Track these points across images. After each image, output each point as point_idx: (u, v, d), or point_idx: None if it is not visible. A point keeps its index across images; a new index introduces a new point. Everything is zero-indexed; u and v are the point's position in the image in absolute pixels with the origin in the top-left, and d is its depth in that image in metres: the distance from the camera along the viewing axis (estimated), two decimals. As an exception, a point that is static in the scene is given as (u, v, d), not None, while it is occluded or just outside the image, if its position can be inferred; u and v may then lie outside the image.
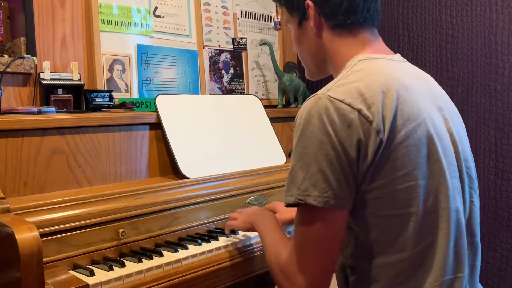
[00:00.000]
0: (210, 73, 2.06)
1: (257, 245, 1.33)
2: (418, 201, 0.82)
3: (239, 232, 1.37)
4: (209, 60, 2.06)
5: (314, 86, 2.38)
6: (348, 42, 0.94)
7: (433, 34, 2.00)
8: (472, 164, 0.95)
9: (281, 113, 1.99)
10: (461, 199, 0.89)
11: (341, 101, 0.81)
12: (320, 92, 0.85)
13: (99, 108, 1.54)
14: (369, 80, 0.84)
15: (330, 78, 0.94)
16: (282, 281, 0.90)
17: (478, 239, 0.93)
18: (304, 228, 0.85)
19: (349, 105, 0.81)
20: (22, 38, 1.53)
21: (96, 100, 1.53)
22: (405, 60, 0.98)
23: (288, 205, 0.86)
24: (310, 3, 0.94)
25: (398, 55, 0.98)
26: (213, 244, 1.28)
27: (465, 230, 0.88)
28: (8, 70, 1.45)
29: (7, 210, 1.06)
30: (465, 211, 0.90)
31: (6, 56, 1.49)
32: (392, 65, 0.91)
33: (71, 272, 1.09)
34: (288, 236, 1.40)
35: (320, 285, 0.86)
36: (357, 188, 0.83)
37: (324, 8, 0.93)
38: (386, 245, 0.84)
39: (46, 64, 1.51)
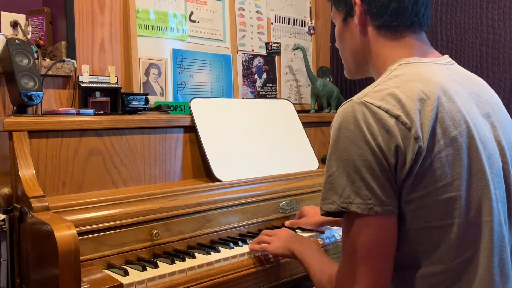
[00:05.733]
0: (243, 78, 2.07)
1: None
2: (459, 213, 0.79)
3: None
4: (243, 64, 2.06)
5: (348, 91, 2.35)
6: (391, 44, 0.92)
7: (473, 38, 1.94)
8: None
9: (314, 118, 1.97)
10: (506, 211, 0.85)
11: (379, 107, 0.79)
12: (356, 97, 0.82)
13: (135, 111, 1.57)
14: (407, 87, 0.82)
15: (368, 80, 0.92)
16: None
17: None
18: (353, 237, 0.81)
19: (387, 111, 0.79)
20: (63, 42, 1.58)
21: (132, 103, 1.56)
22: (453, 62, 0.94)
23: (327, 213, 0.84)
24: (358, 0, 0.92)
25: (446, 56, 0.95)
26: (245, 248, 1.28)
27: (508, 244, 0.84)
28: (49, 73, 1.50)
29: (47, 208, 1.09)
30: (510, 224, 0.85)
31: (47, 59, 1.54)
32: (435, 69, 0.88)
33: (106, 271, 1.10)
34: (321, 242, 1.38)
35: None
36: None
37: (371, 6, 0.91)
38: (424, 256, 0.82)
39: (85, 68, 1.55)
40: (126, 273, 1.08)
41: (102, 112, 1.53)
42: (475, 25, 1.93)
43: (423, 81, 0.83)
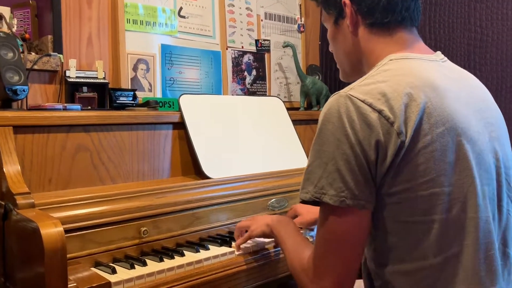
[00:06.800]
0: (233, 74, 2.06)
1: (279, 248, 1.31)
2: (441, 209, 0.79)
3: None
4: (232, 61, 2.05)
5: (337, 89, 2.35)
6: (384, 41, 0.92)
7: (461, 37, 1.96)
8: None
9: (303, 115, 1.97)
10: (495, 207, 0.85)
11: (362, 101, 0.79)
12: (343, 91, 0.83)
13: (122, 107, 1.55)
14: (395, 81, 0.82)
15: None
16: (306, 283, 0.88)
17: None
18: (325, 227, 0.84)
19: (370, 105, 0.79)
20: (50, 36, 1.55)
21: (120, 98, 1.54)
22: (445, 59, 0.95)
23: (303, 202, 0.86)
24: (347, 1, 0.92)
25: (438, 53, 0.95)
26: (234, 246, 1.27)
27: (496, 240, 0.84)
28: (35, 67, 1.47)
29: (32, 205, 1.07)
30: (500, 220, 0.86)
31: (33, 53, 1.51)
32: (425, 66, 0.88)
33: (93, 269, 1.08)
34: (310, 240, 1.38)
35: (344, 285, 0.84)
36: (377, 190, 0.81)
37: (361, 6, 0.92)
38: (406, 252, 0.82)
39: (72, 62, 1.52)
40: (114, 271, 1.06)
41: (89, 107, 1.50)
42: (463, 24, 1.95)
43: (412, 76, 0.83)
